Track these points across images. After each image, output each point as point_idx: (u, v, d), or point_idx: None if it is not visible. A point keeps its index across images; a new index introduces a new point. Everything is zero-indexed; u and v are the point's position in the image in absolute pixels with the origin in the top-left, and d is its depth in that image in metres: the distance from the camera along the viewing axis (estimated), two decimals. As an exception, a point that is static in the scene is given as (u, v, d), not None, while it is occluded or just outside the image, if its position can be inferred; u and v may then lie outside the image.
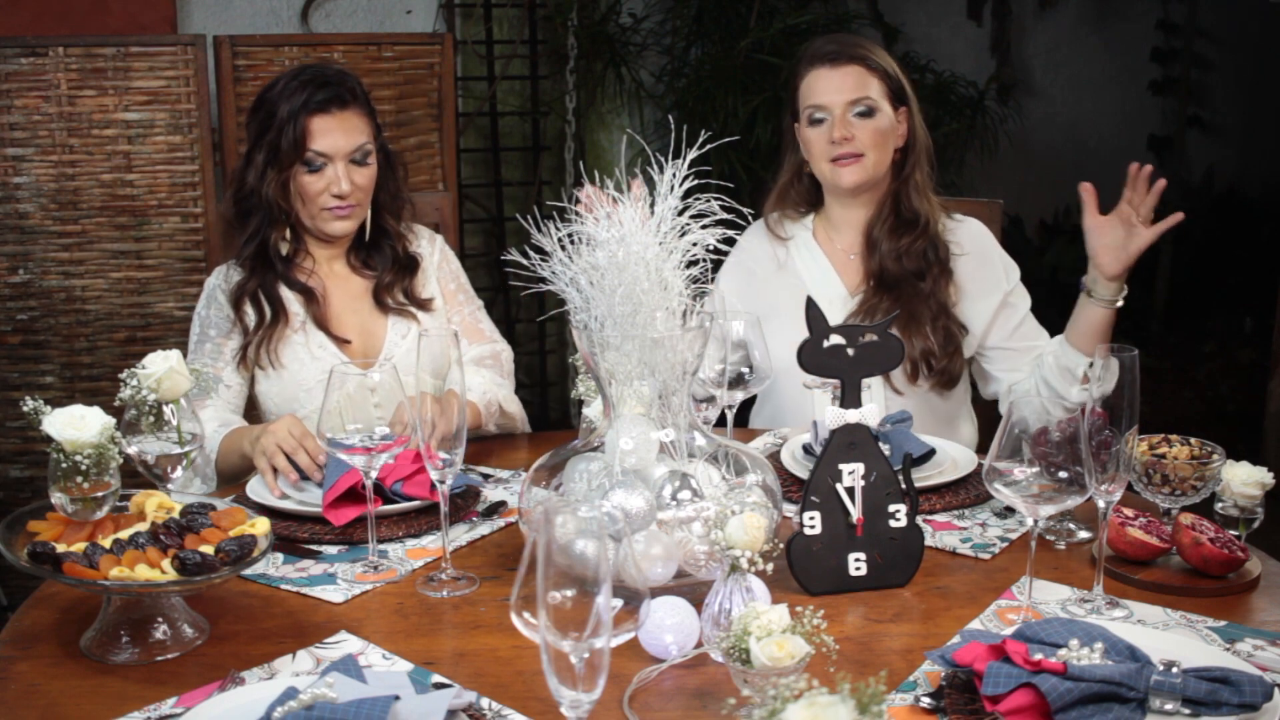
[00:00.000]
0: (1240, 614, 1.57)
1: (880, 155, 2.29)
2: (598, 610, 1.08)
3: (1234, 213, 6.41)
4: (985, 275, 2.36)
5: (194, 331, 2.28)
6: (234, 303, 2.24)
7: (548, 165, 4.47)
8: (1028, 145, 5.69)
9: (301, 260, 2.30)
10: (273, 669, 1.45)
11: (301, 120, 2.16)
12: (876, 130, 2.27)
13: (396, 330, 2.32)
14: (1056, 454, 1.45)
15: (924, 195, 2.34)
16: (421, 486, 1.86)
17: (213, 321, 2.26)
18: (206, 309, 2.28)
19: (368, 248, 2.34)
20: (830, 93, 2.28)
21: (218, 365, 2.23)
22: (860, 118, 2.27)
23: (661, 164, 1.57)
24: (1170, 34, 6.17)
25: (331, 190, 2.20)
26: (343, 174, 2.19)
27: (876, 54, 2.32)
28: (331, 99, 2.18)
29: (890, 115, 2.30)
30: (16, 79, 3.16)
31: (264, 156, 2.19)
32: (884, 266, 2.31)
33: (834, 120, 2.27)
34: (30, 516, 1.57)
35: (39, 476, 3.24)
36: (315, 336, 2.26)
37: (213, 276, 2.32)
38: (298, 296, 2.28)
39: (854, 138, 2.27)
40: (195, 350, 2.25)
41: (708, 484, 1.59)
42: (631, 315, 1.54)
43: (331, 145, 2.19)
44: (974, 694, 1.33)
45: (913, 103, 2.33)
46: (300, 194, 2.21)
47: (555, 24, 4.30)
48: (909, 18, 5.28)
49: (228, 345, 2.25)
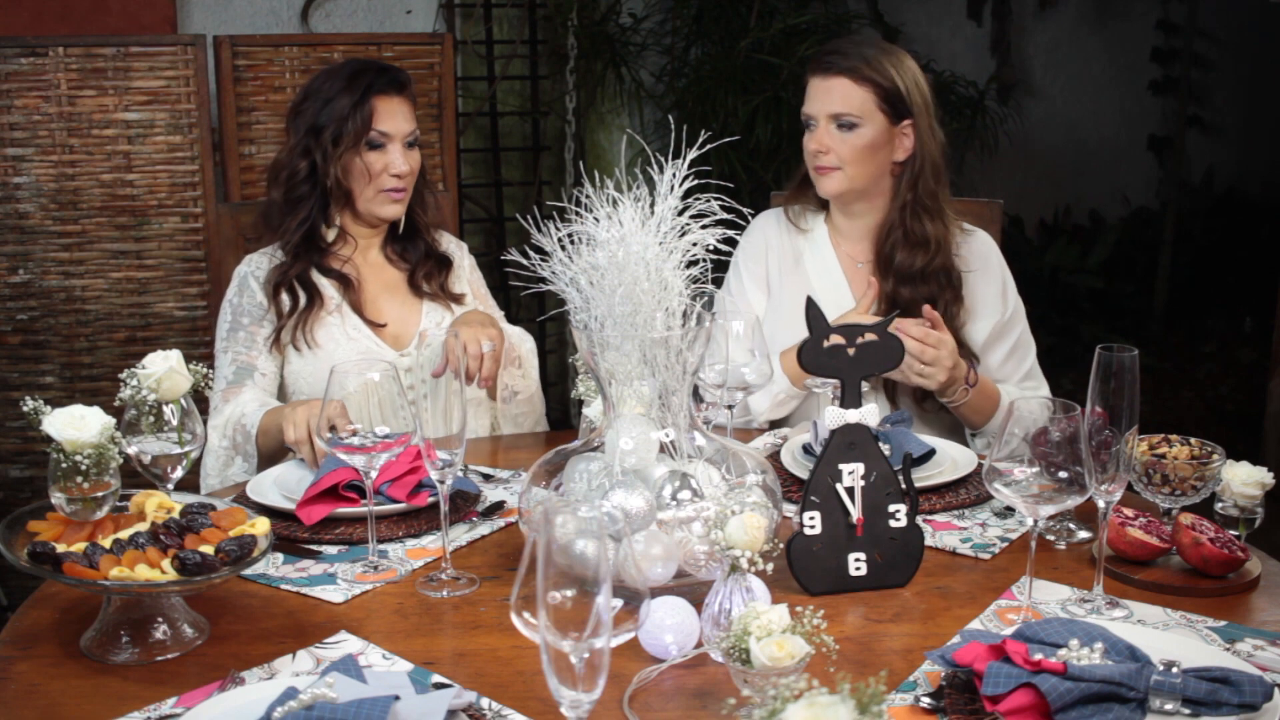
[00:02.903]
0: (1240, 614, 1.57)
1: (860, 169, 2.26)
2: (598, 610, 1.08)
3: (1234, 213, 6.41)
4: (986, 293, 2.33)
5: (225, 320, 2.31)
6: (272, 287, 2.29)
7: (548, 165, 4.47)
8: (1028, 145, 5.70)
9: (339, 248, 2.36)
10: (273, 669, 1.45)
11: (369, 100, 2.27)
12: (855, 146, 2.24)
13: (431, 317, 2.39)
14: (1056, 454, 1.45)
15: (935, 216, 2.28)
16: (403, 488, 1.86)
17: (245, 309, 2.30)
18: (239, 296, 2.31)
19: (402, 240, 2.42)
20: (815, 103, 2.28)
21: (251, 354, 2.27)
22: (841, 130, 2.25)
23: (661, 164, 1.57)
24: (1170, 34, 6.17)
25: (390, 170, 2.29)
26: (401, 155, 2.29)
27: (877, 65, 2.24)
28: (391, 83, 2.30)
29: (880, 129, 2.25)
30: (16, 79, 3.16)
31: (329, 136, 2.27)
32: (897, 292, 2.28)
33: (815, 131, 2.28)
34: (30, 516, 1.57)
35: (39, 476, 3.24)
36: (350, 319, 2.32)
37: (243, 264, 2.35)
38: (333, 282, 2.33)
39: (829, 150, 2.26)
40: (228, 339, 2.29)
41: (708, 484, 1.59)
42: (631, 315, 1.54)
43: (394, 126, 2.29)
44: (974, 694, 1.33)
45: (921, 116, 2.26)
46: (364, 172, 2.29)
47: (555, 24, 4.30)
48: (909, 18, 5.28)
49: (260, 333, 2.29)
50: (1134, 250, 6.07)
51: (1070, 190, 6.22)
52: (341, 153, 2.27)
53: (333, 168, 2.28)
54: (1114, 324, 5.68)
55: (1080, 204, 6.25)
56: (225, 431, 2.17)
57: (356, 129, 2.26)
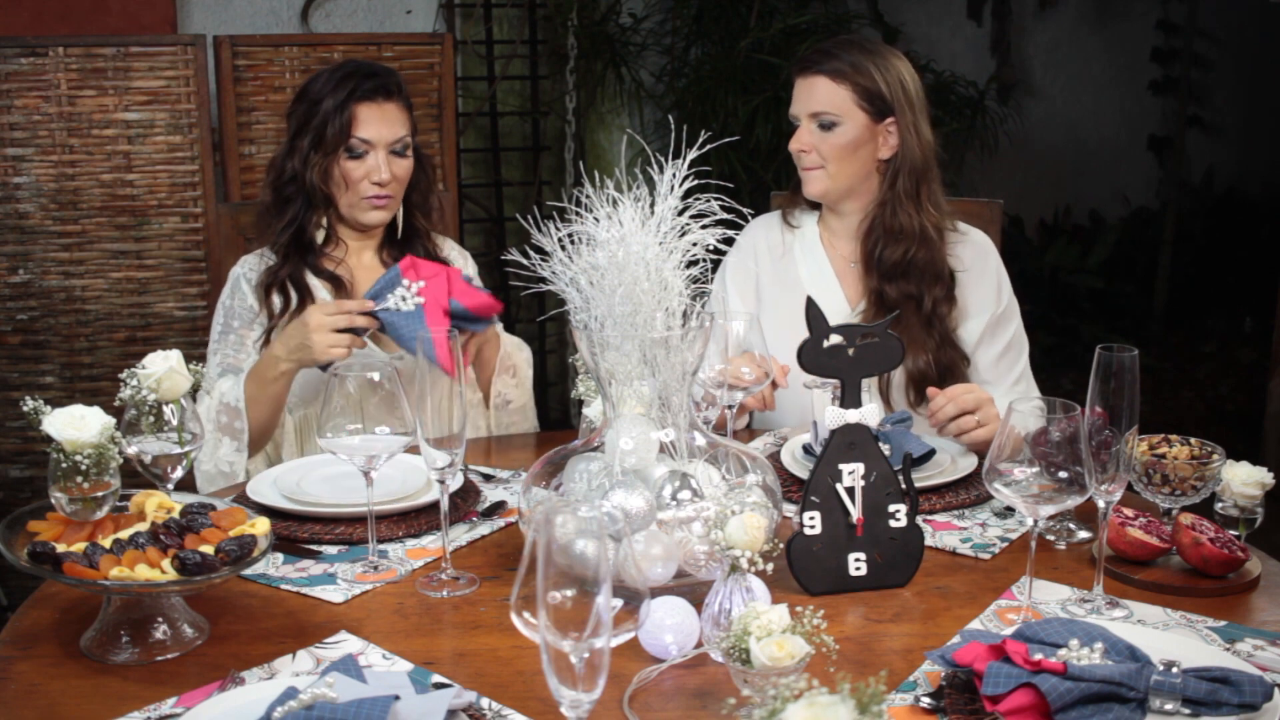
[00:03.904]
0: (1240, 614, 1.57)
1: (842, 167, 2.26)
2: (598, 610, 1.08)
3: (1234, 213, 6.41)
4: (979, 292, 2.32)
5: (218, 321, 2.32)
6: (263, 289, 2.28)
7: (548, 165, 4.47)
8: (1028, 145, 5.70)
9: (332, 249, 2.35)
10: (273, 669, 1.45)
11: (349, 107, 2.24)
12: (835, 144, 2.24)
13: None
14: (1056, 454, 1.45)
15: (918, 209, 2.26)
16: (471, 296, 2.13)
17: (236, 312, 2.30)
18: (231, 298, 2.31)
19: (400, 244, 2.40)
20: (798, 103, 2.28)
21: (239, 356, 2.27)
22: (821, 129, 2.25)
23: (661, 164, 1.57)
24: (1170, 34, 6.17)
25: (372, 178, 2.27)
26: (383, 163, 2.26)
27: (855, 64, 2.23)
28: (378, 89, 2.26)
29: (861, 127, 2.24)
30: (16, 79, 3.16)
31: (309, 142, 2.25)
32: (882, 288, 2.28)
33: (799, 129, 2.28)
34: (30, 516, 1.57)
35: (39, 476, 3.24)
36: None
37: (238, 265, 2.35)
38: (325, 283, 2.32)
39: (810, 150, 2.26)
40: (219, 342, 2.29)
41: (708, 484, 1.59)
42: (631, 315, 1.54)
43: (375, 133, 2.25)
44: (974, 694, 1.33)
45: (905, 114, 2.25)
46: (343, 180, 2.27)
47: (555, 24, 4.30)
48: (909, 18, 5.28)
49: (250, 336, 2.29)
50: (1134, 250, 6.07)
51: (1070, 190, 6.22)
52: (321, 158, 2.25)
53: (310, 173, 2.26)
54: (1114, 324, 5.68)
55: (1080, 204, 6.25)
56: (209, 417, 2.17)
57: (334, 136, 2.23)
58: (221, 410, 2.16)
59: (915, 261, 2.26)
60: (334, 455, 1.71)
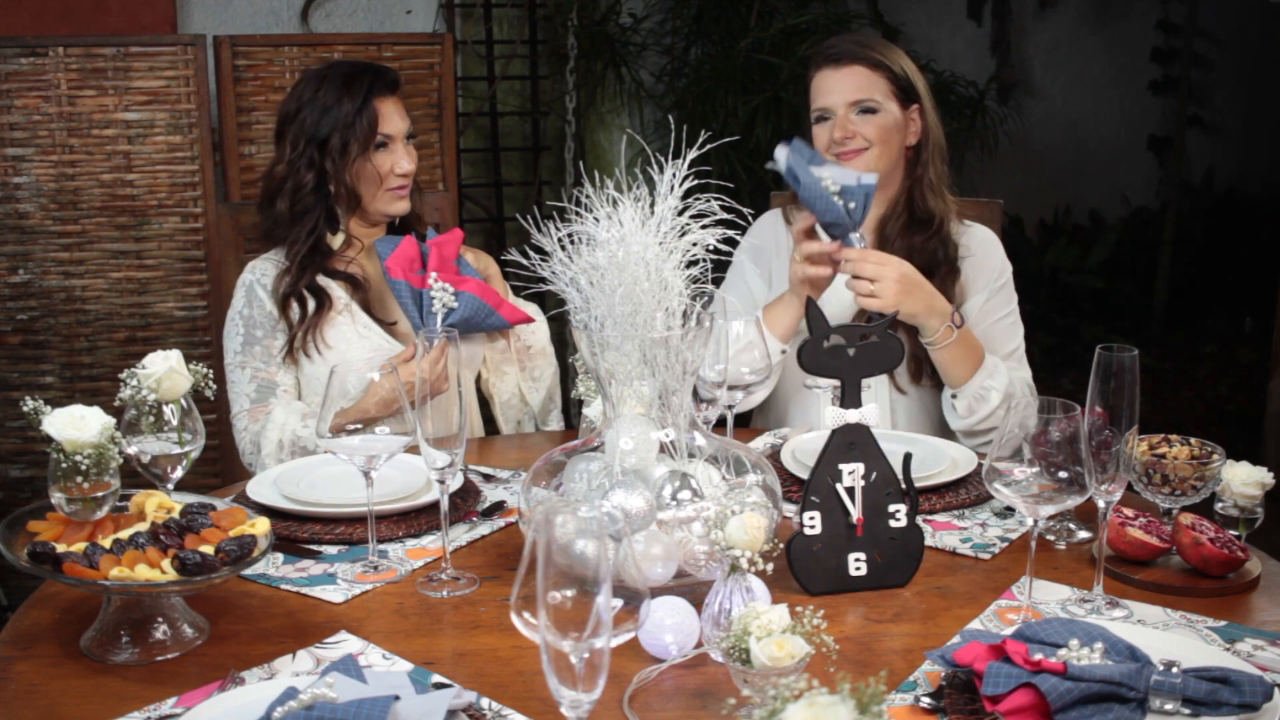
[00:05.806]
0: (1240, 614, 1.57)
1: (884, 149, 2.29)
2: (598, 610, 1.08)
3: (1234, 213, 6.41)
4: (981, 274, 2.35)
5: (238, 332, 2.30)
6: (281, 301, 2.28)
7: (548, 165, 4.47)
8: (1028, 145, 5.70)
9: (345, 250, 2.36)
10: (273, 669, 1.45)
11: (371, 103, 2.26)
12: (880, 126, 2.28)
13: None
14: (1056, 454, 1.45)
15: (939, 194, 2.33)
16: None
17: (257, 321, 2.29)
18: (248, 307, 2.30)
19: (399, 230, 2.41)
20: (833, 94, 2.29)
21: (270, 369, 2.27)
22: (862, 115, 2.28)
23: (661, 164, 1.57)
24: (1170, 34, 6.17)
25: (397, 170, 2.30)
26: (404, 153, 2.31)
27: (884, 53, 2.32)
28: (388, 84, 2.31)
29: (896, 113, 2.30)
30: (16, 79, 3.16)
31: (337, 145, 2.26)
32: None
33: (836, 120, 2.28)
34: (30, 516, 1.57)
35: (39, 476, 3.24)
36: (360, 318, 2.32)
37: (247, 273, 2.34)
38: (340, 283, 2.33)
39: (855, 135, 2.28)
40: (244, 353, 2.28)
41: (708, 484, 1.59)
42: (631, 315, 1.54)
43: (395, 126, 2.30)
44: (974, 694, 1.33)
45: (925, 100, 2.33)
46: (376, 175, 2.30)
47: (555, 24, 4.30)
48: (909, 18, 5.28)
49: (275, 344, 2.29)
50: (1134, 250, 6.07)
51: (1070, 190, 6.22)
52: (352, 160, 2.27)
53: (346, 175, 2.27)
54: (1114, 324, 5.68)
55: (1080, 204, 6.25)
56: (281, 455, 2.18)
57: (364, 134, 2.26)
58: (295, 452, 2.18)
59: (929, 246, 2.30)
60: (334, 455, 1.71)
